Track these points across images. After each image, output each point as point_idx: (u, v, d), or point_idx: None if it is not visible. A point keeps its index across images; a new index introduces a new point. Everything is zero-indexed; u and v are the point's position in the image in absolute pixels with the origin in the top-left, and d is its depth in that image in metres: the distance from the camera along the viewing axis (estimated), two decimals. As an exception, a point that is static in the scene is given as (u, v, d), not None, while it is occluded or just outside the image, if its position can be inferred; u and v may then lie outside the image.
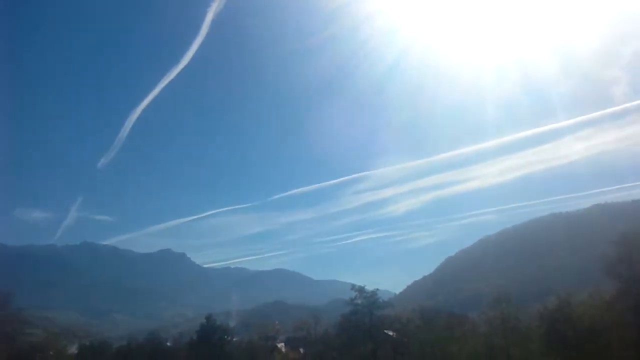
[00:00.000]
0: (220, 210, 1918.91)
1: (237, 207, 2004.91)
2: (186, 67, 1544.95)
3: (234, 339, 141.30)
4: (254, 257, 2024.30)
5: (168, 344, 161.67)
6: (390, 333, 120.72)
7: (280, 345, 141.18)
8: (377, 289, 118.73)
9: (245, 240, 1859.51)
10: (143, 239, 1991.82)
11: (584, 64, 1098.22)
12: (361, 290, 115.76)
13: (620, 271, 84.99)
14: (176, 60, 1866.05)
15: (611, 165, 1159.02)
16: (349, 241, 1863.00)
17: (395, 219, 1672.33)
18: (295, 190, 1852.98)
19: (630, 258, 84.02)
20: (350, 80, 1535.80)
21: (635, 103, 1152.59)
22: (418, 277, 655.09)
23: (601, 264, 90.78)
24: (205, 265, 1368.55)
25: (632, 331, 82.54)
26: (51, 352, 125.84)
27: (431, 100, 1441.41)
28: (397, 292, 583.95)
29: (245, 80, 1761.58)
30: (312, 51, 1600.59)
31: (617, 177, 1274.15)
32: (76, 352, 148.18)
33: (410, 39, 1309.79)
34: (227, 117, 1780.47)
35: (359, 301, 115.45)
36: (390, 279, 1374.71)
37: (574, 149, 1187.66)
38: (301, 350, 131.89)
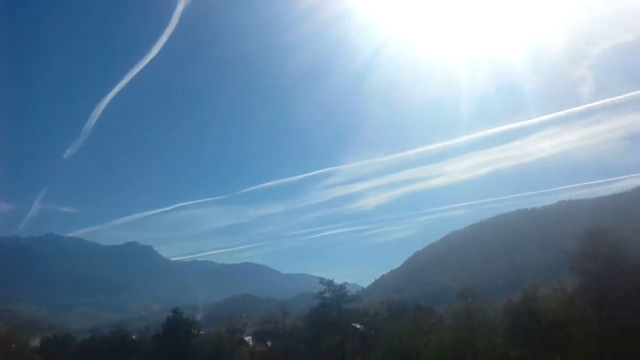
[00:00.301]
0: (189, 203, 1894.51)
1: (205, 200, 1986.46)
2: (155, 58, 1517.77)
3: (201, 332, 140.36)
4: (222, 251, 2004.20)
5: (133, 337, 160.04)
6: (358, 326, 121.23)
7: (248, 338, 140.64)
8: (346, 283, 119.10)
9: (214, 234, 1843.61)
10: (109, 232, 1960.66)
11: (553, 62, 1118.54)
12: (329, 283, 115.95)
13: (584, 266, 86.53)
14: (145, 51, 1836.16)
15: (577, 163, 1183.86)
16: (318, 235, 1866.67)
17: (364, 213, 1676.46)
18: (265, 184, 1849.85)
19: (595, 254, 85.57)
20: (323, 75, 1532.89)
21: (600, 102, 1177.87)
22: (386, 271, 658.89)
23: (566, 259, 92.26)
24: (172, 259, 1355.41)
25: (593, 325, 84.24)
26: (13, 345, 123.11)
27: (403, 97, 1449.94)
28: (366, 285, 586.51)
29: (215, 73, 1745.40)
30: (287, 46, 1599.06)
31: (582, 174, 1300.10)
32: (39, 345, 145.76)
33: (384, 36, 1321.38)
34: (197, 109, 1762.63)
35: (327, 294, 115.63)
36: (359, 272, 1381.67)
37: (542, 147, 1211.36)
38: (268, 343, 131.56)
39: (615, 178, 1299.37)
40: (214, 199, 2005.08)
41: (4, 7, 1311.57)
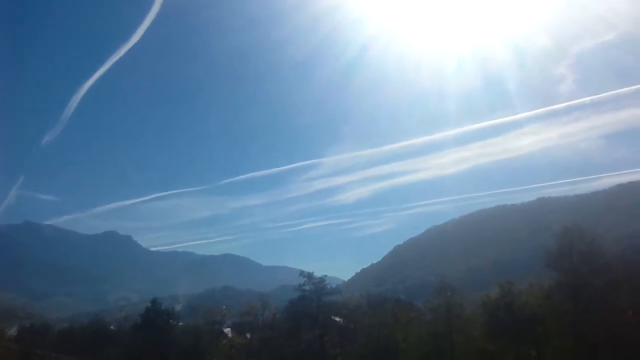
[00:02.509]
0: (169, 192, 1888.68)
1: (185, 190, 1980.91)
2: (135, 45, 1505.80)
3: (180, 324, 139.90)
4: (202, 242, 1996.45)
5: (112, 327, 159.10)
6: (338, 319, 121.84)
7: (227, 330, 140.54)
8: (326, 276, 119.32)
9: (194, 224, 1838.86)
10: (87, 220, 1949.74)
11: (536, 60, 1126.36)
12: (309, 276, 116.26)
13: (561, 263, 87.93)
14: (126, 38, 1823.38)
15: (557, 160, 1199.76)
16: (298, 227, 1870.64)
17: (345, 206, 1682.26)
18: (246, 175, 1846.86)
19: (571, 251, 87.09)
20: (309, 69, 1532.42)
21: (581, 100, 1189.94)
22: (366, 264, 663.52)
23: (543, 255, 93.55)
24: (152, 249, 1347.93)
25: (569, 320, 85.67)
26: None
27: (388, 92, 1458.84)
28: (346, 279, 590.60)
29: (198, 64, 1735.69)
30: (273, 40, 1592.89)
31: (562, 171, 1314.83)
32: (16, 334, 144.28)
33: (371, 31, 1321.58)
34: (177, 98, 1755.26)
35: (307, 287, 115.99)
36: (339, 266, 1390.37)
37: (522, 143, 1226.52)
38: (248, 335, 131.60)
39: (594, 176, 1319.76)
40: (194, 189, 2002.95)
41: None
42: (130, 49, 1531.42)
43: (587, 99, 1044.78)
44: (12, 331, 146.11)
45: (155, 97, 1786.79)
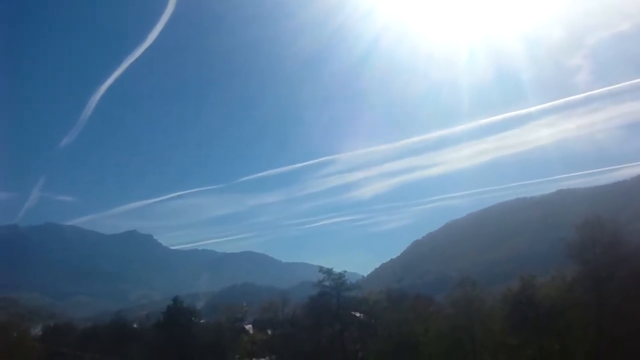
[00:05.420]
0: (187, 192, 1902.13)
1: (204, 188, 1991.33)
2: (153, 45, 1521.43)
3: (202, 321, 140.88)
4: (221, 240, 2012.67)
5: (134, 325, 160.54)
6: (358, 314, 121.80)
7: (248, 327, 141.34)
8: (345, 271, 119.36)
9: (213, 222, 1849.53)
10: (108, 220, 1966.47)
11: (551, 51, 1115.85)
12: (329, 272, 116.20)
13: (583, 255, 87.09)
14: (142, 38, 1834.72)
15: (576, 151, 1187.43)
16: (316, 224, 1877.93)
17: (362, 202, 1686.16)
18: (263, 173, 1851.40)
19: (592, 242, 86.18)
20: (322, 64, 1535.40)
21: (597, 91, 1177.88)
22: (385, 260, 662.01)
23: (564, 248, 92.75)
24: (172, 247, 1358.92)
25: (592, 312, 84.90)
26: (14, 334, 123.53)
27: (402, 86, 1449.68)
28: (365, 274, 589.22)
29: (214, 62, 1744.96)
30: (285, 34, 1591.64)
31: (581, 163, 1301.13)
32: (40, 333, 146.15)
33: (383, 24, 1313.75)
34: (195, 97, 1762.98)
35: (327, 283, 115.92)
36: (358, 261, 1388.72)
37: (540, 135, 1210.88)
38: (269, 331, 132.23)
39: (614, 167, 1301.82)
40: (212, 187, 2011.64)
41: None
42: (145, 50, 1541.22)
43: (604, 89, 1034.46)
44: (37, 331, 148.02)
45: (170, 97, 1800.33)
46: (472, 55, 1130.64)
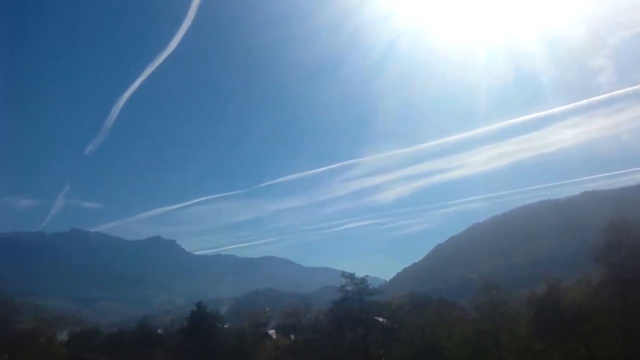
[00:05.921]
0: (210, 197, 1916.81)
1: (226, 194, 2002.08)
2: (174, 52, 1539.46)
3: (225, 326, 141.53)
4: (244, 245, 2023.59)
5: (159, 331, 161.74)
6: (381, 319, 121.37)
7: (271, 332, 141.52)
8: (367, 276, 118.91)
9: (235, 228, 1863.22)
10: (132, 226, 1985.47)
11: (572, 51, 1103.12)
12: (351, 277, 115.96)
13: (609, 258, 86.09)
14: (164, 46, 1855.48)
15: (599, 152, 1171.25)
16: (338, 228, 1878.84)
17: (384, 206, 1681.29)
18: (285, 178, 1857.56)
19: (618, 245, 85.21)
20: (341, 67, 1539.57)
21: (621, 91, 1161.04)
22: (408, 264, 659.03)
23: (590, 251, 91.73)
24: (195, 253, 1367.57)
25: (618, 316, 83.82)
26: (42, 339, 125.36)
27: (421, 88, 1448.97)
28: (388, 279, 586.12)
29: (234, 67, 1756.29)
30: (303, 38, 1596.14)
31: (606, 164, 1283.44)
32: (67, 339, 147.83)
33: (401, 27, 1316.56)
34: (216, 103, 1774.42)
35: (350, 288, 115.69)
36: (380, 266, 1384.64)
37: (563, 137, 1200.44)
38: (292, 336, 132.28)
39: (639, 168, 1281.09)
40: (234, 193, 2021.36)
41: (28, 7, 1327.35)
42: (166, 57, 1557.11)
43: (629, 89, 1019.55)
44: (63, 336, 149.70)
45: (192, 103, 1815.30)
46: (491, 56, 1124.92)
